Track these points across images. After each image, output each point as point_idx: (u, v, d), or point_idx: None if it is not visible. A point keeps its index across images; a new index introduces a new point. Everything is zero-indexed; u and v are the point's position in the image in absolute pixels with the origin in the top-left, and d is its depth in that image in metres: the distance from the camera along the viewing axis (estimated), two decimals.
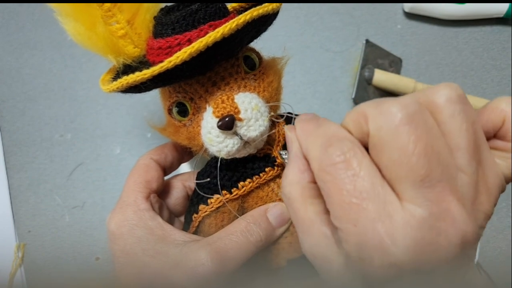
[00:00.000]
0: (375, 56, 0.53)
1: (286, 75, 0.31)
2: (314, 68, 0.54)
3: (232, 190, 0.30)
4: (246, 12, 0.25)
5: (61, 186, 0.50)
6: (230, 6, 0.31)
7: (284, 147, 0.30)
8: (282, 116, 0.31)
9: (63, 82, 0.53)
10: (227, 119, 0.26)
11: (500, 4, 0.54)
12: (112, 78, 0.30)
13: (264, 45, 0.30)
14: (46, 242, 0.48)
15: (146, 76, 0.25)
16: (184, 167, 0.43)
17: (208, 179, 0.31)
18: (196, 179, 0.32)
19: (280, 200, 0.31)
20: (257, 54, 0.30)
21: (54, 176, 0.50)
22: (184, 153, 0.36)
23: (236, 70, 0.28)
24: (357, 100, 0.50)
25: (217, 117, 0.26)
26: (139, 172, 0.32)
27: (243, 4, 0.31)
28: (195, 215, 0.31)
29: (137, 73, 0.25)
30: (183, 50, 0.24)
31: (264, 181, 0.30)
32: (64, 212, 0.49)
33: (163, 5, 0.30)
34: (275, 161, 0.30)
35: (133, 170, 0.32)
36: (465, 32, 0.56)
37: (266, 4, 0.26)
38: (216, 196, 0.30)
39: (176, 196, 0.34)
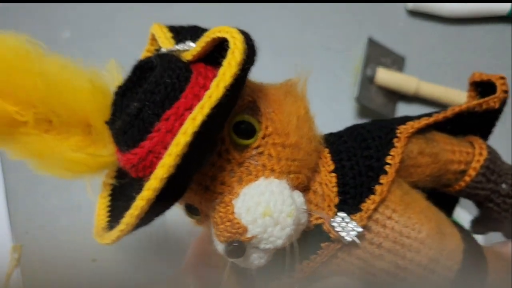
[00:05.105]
0: (378, 54, 0.52)
1: (286, 75, 0.30)
2: (315, 67, 0.54)
3: None
4: (221, 70, 0.18)
5: (58, 187, 0.49)
6: (184, 55, 0.21)
7: (340, 208, 0.22)
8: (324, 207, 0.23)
9: None
10: (233, 245, 0.19)
11: (503, 3, 0.54)
12: (108, 218, 0.24)
13: (263, 45, 0.29)
14: (43, 244, 0.48)
15: (143, 203, 0.18)
16: None
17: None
18: None
19: (360, 270, 0.23)
20: (253, 108, 0.21)
21: (51, 177, 0.49)
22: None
23: (226, 158, 0.20)
24: (359, 99, 0.49)
25: (221, 242, 0.20)
26: None
27: (203, 44, 0.20)
28: None
29: (131, 210, 0.18)
30: (161, 163, 0.17)
31: (326, 258, 0.23)
32: (61, 213, 0.48)
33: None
34: (329, 237, 0.22)
35: None
36: (468, 30, 0.56)
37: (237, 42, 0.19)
38: None
39: None
